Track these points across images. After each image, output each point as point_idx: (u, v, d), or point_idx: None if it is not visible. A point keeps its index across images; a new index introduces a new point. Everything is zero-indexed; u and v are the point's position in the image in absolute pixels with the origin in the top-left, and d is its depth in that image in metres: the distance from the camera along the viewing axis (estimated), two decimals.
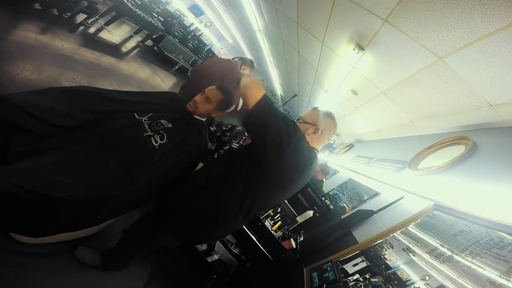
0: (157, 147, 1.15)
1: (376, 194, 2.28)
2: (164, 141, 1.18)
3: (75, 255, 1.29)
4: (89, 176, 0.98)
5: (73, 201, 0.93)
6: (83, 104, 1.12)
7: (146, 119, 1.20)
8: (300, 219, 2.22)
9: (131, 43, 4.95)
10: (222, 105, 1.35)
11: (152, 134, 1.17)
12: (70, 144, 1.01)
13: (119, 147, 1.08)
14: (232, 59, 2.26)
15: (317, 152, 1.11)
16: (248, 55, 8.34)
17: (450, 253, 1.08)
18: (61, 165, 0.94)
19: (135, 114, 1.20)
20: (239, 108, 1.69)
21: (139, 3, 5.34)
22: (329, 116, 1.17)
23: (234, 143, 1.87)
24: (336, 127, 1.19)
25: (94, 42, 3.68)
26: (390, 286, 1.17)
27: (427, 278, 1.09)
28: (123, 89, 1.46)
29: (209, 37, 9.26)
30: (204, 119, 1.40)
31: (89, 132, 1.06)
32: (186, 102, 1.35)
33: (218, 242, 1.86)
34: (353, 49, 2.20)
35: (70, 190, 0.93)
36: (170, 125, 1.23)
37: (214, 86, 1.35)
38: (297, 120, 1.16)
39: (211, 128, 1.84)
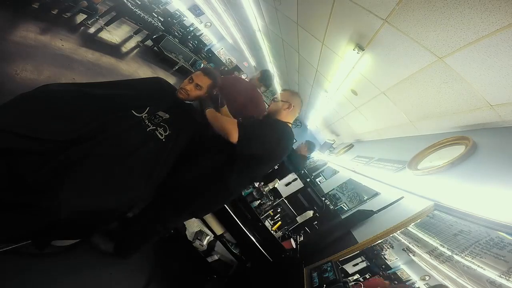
0: (163, 139, 1.20)
1: (376, 194, 2.28)
2: (167, 133, 1.23)
3: (91, 241, 1.37)
4: (117, 185, 1.06)
5: (111, 209, 1.09)
6: (74, 111, 1.03)
7: (146, 114, 1.21)
8: (300, 219, 2.22)
9: (131, 43, 4.94)
10: (212, 87, 1.41)
11: (155, 127, 1.20)
12: (84, 158, 0.98)
13: (131, 150, 1.10)
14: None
15: (290, 125, 1.39)
16: (248, 55, 8.35)
17: (450, 253, 1.08)
18: (94, 180, 0.99)
19: (133, 111, 1.18)
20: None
21: (139, 3, 5.34)
22: (297, 94, 1.47)
23: None
24: (302, 104, 1.48)
25: (94, 42, 3.68)
26: None
27: (427, 278, 1.09)
28: None
29: (209, 37, 9.23)
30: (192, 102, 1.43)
31: (96, 141, 1.03)
32: (174, 88, 1.38)
33: (218, 242, 1.86)
34: (353, 49, 2.20)
35: (109, 201, 1.04)
36: (168, 115, 1.27)
37: (200, 72, 1.36)
38: (273, 99, 1.44)
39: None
